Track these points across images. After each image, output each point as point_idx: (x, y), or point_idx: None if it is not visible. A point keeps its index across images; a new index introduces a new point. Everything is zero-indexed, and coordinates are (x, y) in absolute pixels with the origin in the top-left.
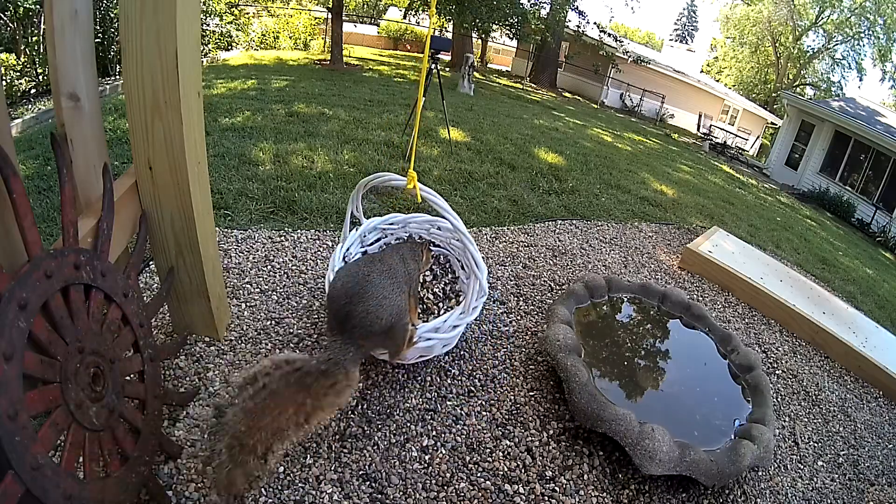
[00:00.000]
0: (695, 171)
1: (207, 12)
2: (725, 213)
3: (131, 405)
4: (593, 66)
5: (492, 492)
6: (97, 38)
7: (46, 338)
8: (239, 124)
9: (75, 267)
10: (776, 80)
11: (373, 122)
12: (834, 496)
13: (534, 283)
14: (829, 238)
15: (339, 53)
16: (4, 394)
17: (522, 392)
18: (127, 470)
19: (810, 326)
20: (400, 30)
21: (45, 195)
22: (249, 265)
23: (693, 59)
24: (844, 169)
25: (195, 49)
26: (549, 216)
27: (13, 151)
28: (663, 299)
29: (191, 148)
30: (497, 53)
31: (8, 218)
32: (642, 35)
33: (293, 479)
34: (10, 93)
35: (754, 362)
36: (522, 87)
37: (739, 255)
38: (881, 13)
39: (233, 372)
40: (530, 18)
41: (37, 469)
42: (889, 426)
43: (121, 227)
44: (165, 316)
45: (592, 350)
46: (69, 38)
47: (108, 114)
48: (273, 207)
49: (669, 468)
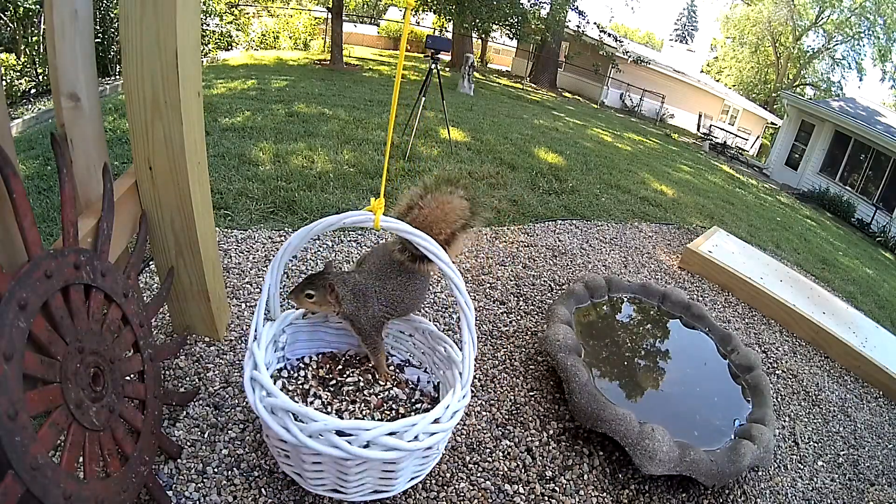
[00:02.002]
0: (695, 171)
1: (207, 12)
2: (725, 213)
3: (131, 405)
4: (593, 66)
5: (492, 492)
6: (97, 38)
7: (46, 338)
8: (239, 124)
9: (75, 267)
10: (776, 80)
11: (373, 122)
12: (834, 496)
13: (534, 283)
14: (829, 238)
15: (339, 53)
16: (4, 394)
17: (522, 392)
18: (127, 470)
19: (810, 326)
20: (400, 30)
21: (45, 195)
22: (249, 265)
23: (693, 59)
24: (844, 169)
25: (195, 49)
26: (549, 216)
27: (13, 151)
28: (663, 299)
29: (191, 148)
30: (497, 53)
31: (8, 218)
32: (642, 35)
33: (293, 478)
34: (10, 93)
35: (754, 362)
36: (522, 87)
37: (739, 255)
38: (881, 13)
39: (233, 372)
40: (530, 18)
41: (37, 469)
42: (889, 426)
43: (121, 227)
44: (165, 316)
45: (592, 350)
46: (69, 38)
47: (108, 114)
48: (273, 207)
49: (669, 468)
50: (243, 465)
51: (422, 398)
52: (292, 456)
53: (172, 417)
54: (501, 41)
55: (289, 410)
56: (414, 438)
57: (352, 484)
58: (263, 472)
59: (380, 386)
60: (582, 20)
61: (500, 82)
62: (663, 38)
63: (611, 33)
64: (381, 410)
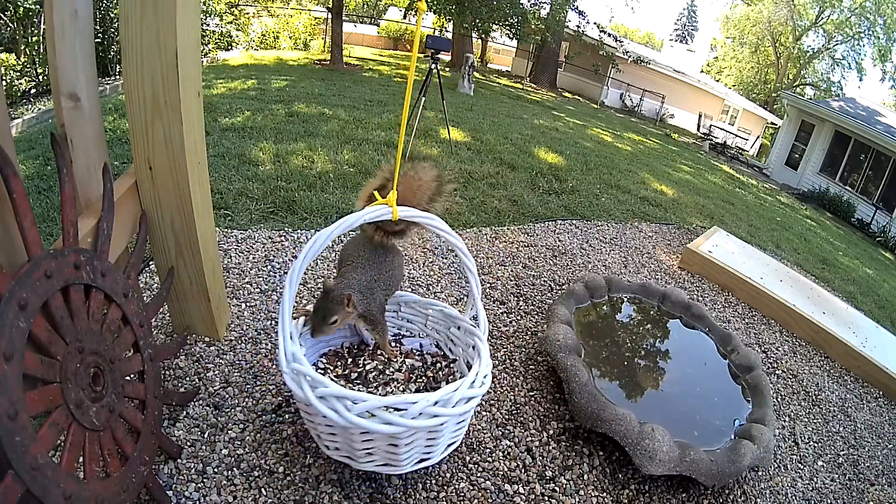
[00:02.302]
0: (695, 171)
1: (207, 12)
2: (725, 213)
3: (131, 405)
4: (593, 66)
5: (492, 492)
6: (97, 38)
7: (46, 338)
8: (239, 124)
9: (75, 267)
10: (776, 80)
11: (373, 122)
12: (834, 496)
13: (534, 283)
14: (829, 238)
15: (339, 53)
16: (4, 394)
17: (522, 392)
18: (127, 470)
19: (810, 326)
20: (400, 30)
21: (45, 195)
22: (249, 265)
23: (693, 59)
24: (844, 169)
25: (195, 49)
26: (549, 216)
27: (13, 151)
28: (663, 299)
29: (191, 148)
30: (497, 53)
31: (8, 218)
32: (642, 35)
33: (293, 478)
34: (10, 93)
35: (754, 362)
36: (522, 87)
37: (739, 255)
38: (881, 13)
39: (233, 372)
40: (530, 18)
41: (37, 469)
42: (889, 426)
43: (121, 227)
44: (165, 316)
45: (592, 350)
46: (69, 38)
47: (108, 114)
48: (273, 207)
49: (669, 468)
50: (243, 465)
51: (436, 359)
52: (342, 440)
53: (172, 417)
54: (501, 41)
55: (342, 396)
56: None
57: (402, 455)
58: (263, 472)
59: (397, 362)
60: (582, 20)
61: (500, 82)
62: (663, 38)
63: (611, 33)
64: (413, 381)
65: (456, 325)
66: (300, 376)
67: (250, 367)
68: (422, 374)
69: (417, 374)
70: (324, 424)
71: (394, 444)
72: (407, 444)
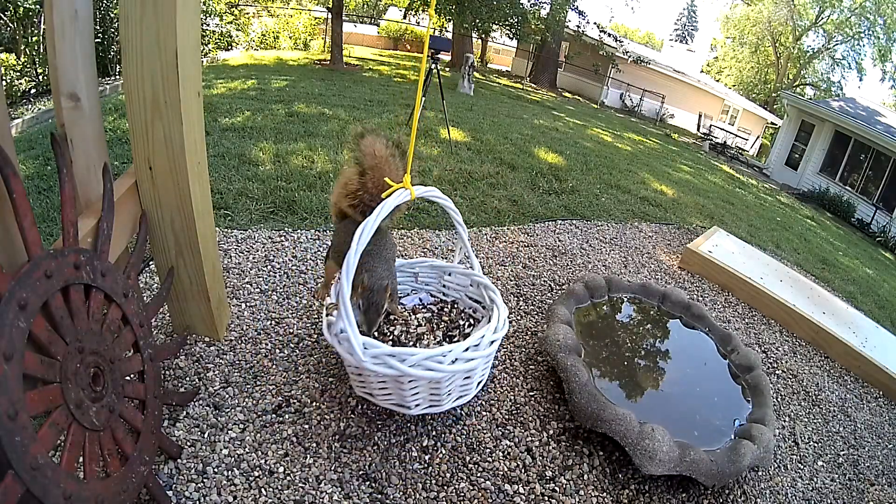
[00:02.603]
0: (695, 171)
1: (207, 12)
2: (725, 213)
3: (131, 405)
4: (593, 66)
5: (492, 492)
6: (97, 38)
7: (46, 338)
8: (239, 124)
9: (75, 267)
10: (776, 80)
11: (373, 122)
12: (834, 496)
13: (534, 283)
14: (829, 238)
15: (339, 53)
16: (4, 394)
17: (522, 392)
18: (127, 470)
19: (810, 326)
20: (400, 30)
21: (45, 195)
22: (249, 265)
23: (693, 59)
24: (844, 169)
25: (195, 49)
26: (549, 216)
27: (13, 151)
28: (663, 299)
29: (191, 148)
30: (497, 53)
31: (8, 218)
32: (642, 35)
33: (293, 478)
34: (10, 93)
35: (754, 362)
36: (522, 87)
37: (739, 255)
38: (881, 13)
39: (233, 372)
40: (530, 18)
41: (37, 469)
42: (889, 426)
43: (121, 227)
44: (165, 316)
45: (592, 350)
46: (69, 38)
47: (108, 114)
48: (273, 207)
49: (669, 468)
50: (243, 465)
51: (440, 305)
52: (393, 389)
53: (172, 417)
54: (501, 41)
55: (392, 354)
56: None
57: (443, 396)
58: (263, 472)
59: (414, 321)
60: (582, 20)
61: (500, 82)
62: (663, 38)
63: (611, 33)
64: (437, 329)
65: (447, 272)
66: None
67: (250, 367)
68: (439, 320)
69: (435, 322)
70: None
71: (436, 388)
72: (448, 386)
